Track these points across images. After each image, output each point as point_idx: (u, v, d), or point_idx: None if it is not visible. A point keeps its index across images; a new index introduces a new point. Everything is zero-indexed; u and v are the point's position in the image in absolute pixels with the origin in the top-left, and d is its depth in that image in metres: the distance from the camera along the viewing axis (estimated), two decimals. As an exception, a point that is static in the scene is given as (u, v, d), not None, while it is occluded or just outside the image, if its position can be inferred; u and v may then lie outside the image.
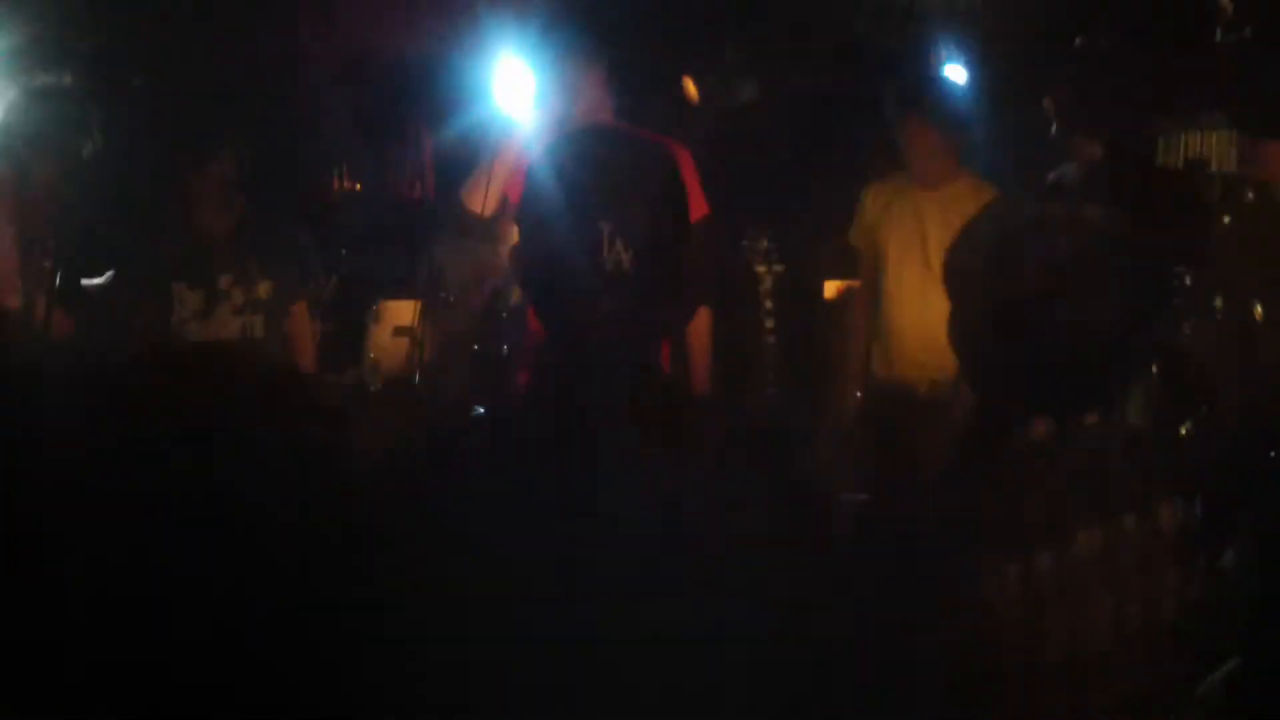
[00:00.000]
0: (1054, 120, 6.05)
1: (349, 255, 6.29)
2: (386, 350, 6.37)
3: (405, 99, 7.84)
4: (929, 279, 4.79)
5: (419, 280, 6.63)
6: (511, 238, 4.49)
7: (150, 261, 4.58)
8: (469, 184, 4.43)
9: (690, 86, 7.00)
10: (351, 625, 1.95)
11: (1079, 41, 6.18)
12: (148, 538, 1.73)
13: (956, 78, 5.44)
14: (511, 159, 4.35)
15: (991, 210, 2.14)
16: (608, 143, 4.25)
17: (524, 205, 4.22)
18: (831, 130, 6.26)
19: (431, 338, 6.26)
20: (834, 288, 5.61)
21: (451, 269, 6.55)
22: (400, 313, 6.42)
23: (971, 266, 2.06)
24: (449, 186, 6.08)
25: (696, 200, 4.60)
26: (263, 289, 4.63)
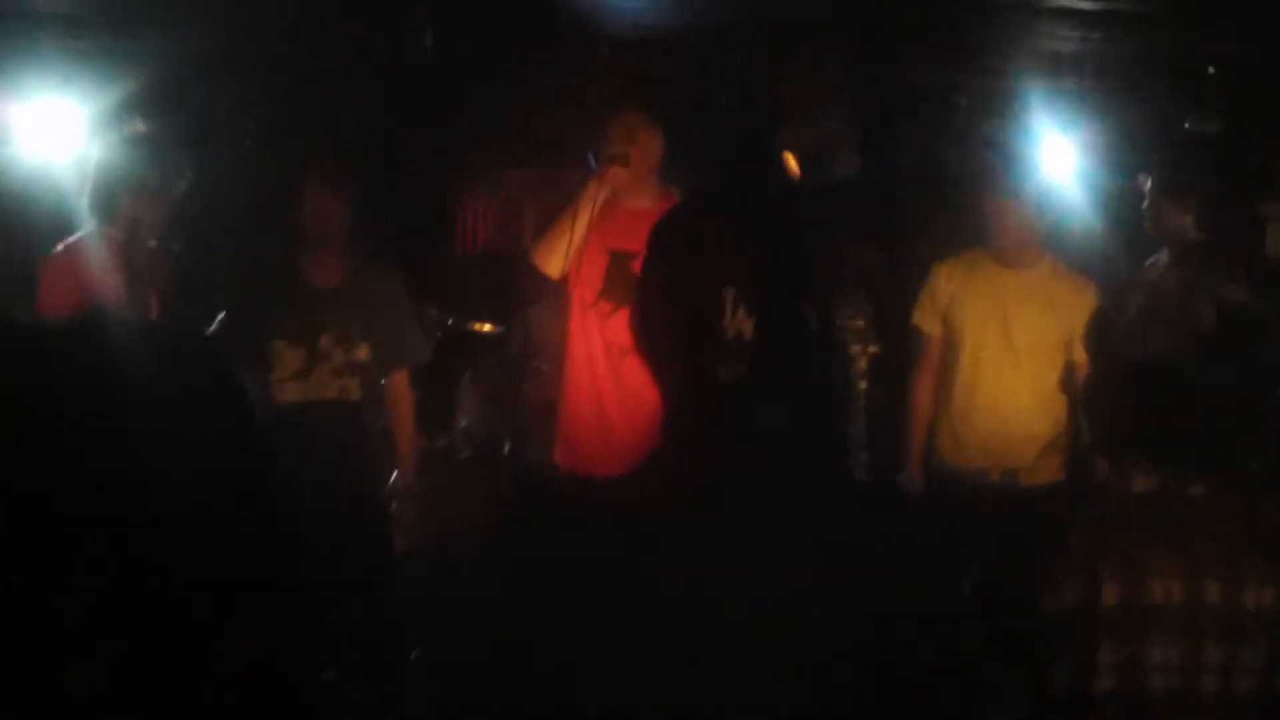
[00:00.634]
0: (1151, 203, 5.97)
1: (445, 319, 6.27)
2: (476, 416, 6.35)
3: (504, 164, 7.89)
4: (1009, 360, 4.68)
5: (512, 346, 6.62)
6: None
7: (254, 316, 4.56)
8: (539, 244, 4.36)
9: (792, 162, 6.98)
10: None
11: (1187, 125, 6.11)
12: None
13: (1054, 158, 5.29)
14: (577, 221, 4.29)
15: (1140, 281, 2.26)
16: (726, 211, 4.23)
17: (645, 273, 4.20)
18: (926, 208, 6.19)
19: (522, 404, 6.24)
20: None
21: (545, 337, 6.53)
22: (493, 379, 6.41)
23: (1118, 335, 2.19)
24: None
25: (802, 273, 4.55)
26: (363, 351, 4.59)
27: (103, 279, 4.78)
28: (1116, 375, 2.16)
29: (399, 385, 4.80)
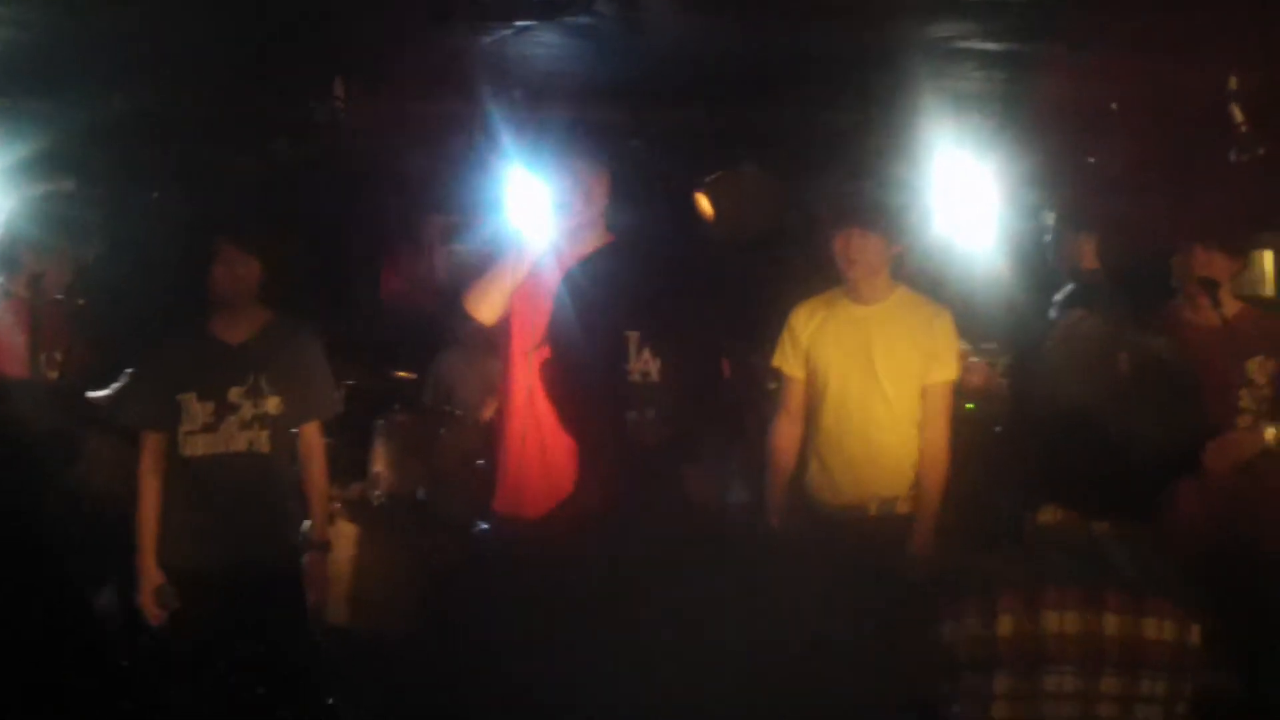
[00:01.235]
0: (1055, 237, 6.09)
1: (356, 367, 6.23)
2: (391, 464, 6.31)
3: (416, 211, 7.89)
4: (875, 393, 4.71)
5: (425, 394, 6.59)
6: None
7: (162, 370, 4.50)
8: (474, 290, 4.36)
9: (704, 202, 7.04)
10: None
11: (1089, 160, 6.24)
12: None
13: (902, 190, 5.33)
14: (514, 268, 4.30)
15: (1063, 326, 2.30)
16: (633, 255, 4.25)
17: (553, 318, 4.19)
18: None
19: (437, 452, 6.21)
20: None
21: (458, 383, 6.51)
22: (407, 426, 6.38)
23: (1039, 379, 2.24)
24: (455, 300, 6.08)
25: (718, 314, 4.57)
26: (272, 404, 4.55)
27: (6, 334, 4.71)
28: (1031, 419, 2.21)
29: (311, 436, 4.76)
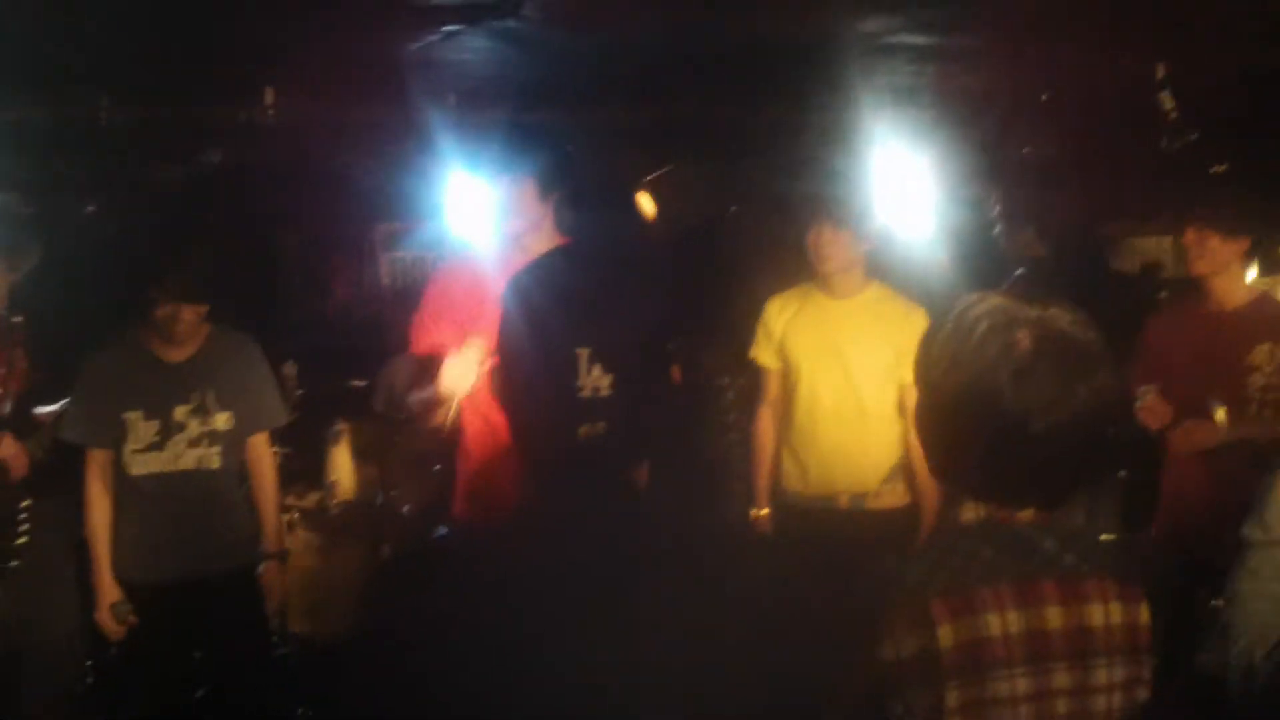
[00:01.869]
0: (1001, 225, 6.15)
1: (306, 376, 6.22)
2: (346, 471, 6.32)
3: (360, 218, 7.89)
4: (846, 387, 4.76)
5: (378, 401, 6.59)
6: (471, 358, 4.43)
7: (103, 389, 4.49)
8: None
9: (646, 201, 7.07)
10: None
11: (1026, 150, 6.30)
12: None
13: (872, 183, 5.35)
14: (465, 277, 4.30)
15: (960, 308, 2.13)
16: (580, 263, 4.25)
17: (500, 330, 4.20)
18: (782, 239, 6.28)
19: (392, 458, 6.23)
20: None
21: (410, 388, 6.51)
22: (359, 434, 6.39)
23: (937, 363, 2.07)
24: (405, 304, 6.09)
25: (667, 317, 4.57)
26: (221, 420, 4.55)
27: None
28: (937, 403, 2.11)
29: (259, 447, 4.77)
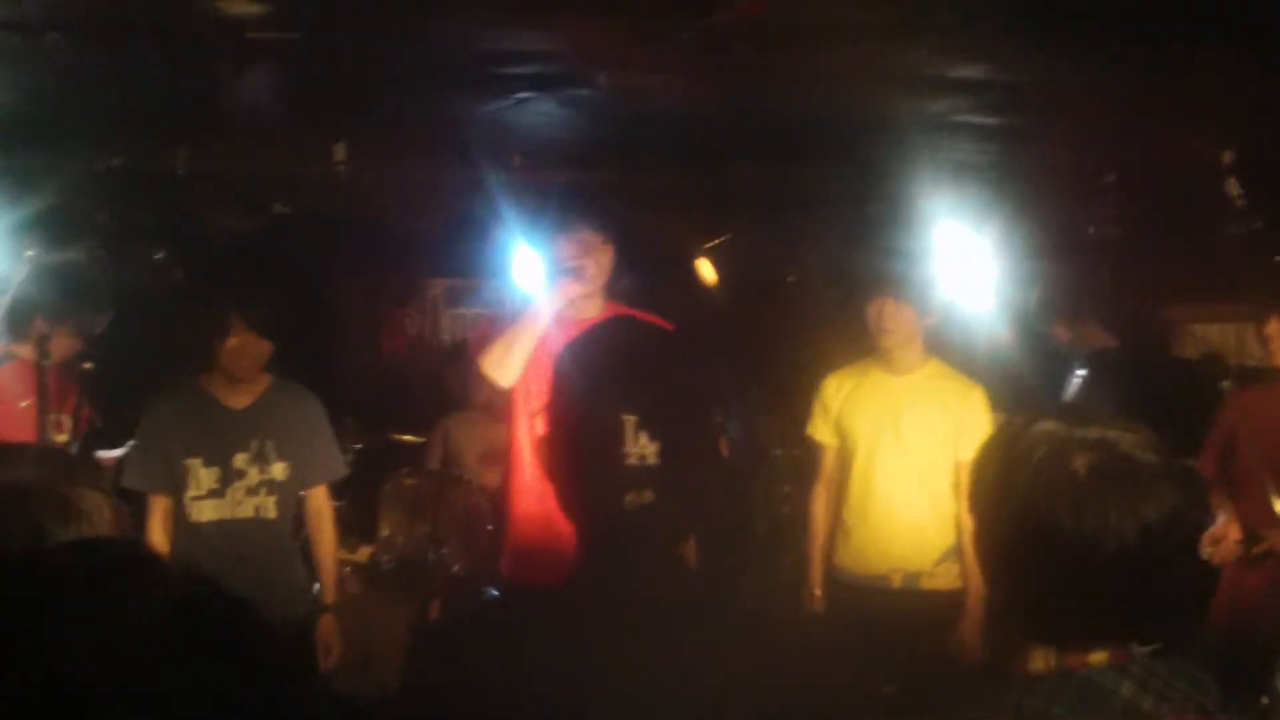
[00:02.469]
0: (1055, 311, 6.07)
1: (364, 430, 6.28)
2: (400, 527, 6.35)
3: (422, 274, 7.97)
4: (902, 464, 4.73)
5: (432, 458, 6.64)
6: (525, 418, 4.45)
7: (165, 435, 4.55)
8: (491, 353, 4.34)
9: (705, 268, 7.11)
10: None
11: (1090, 231, 6.27)
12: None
13: (934, 260, 5.33)
14: (533, 331, 4.30)
15: (1010, 426, 2.00)
16: (628, 334, 4.27)
17: (551, 395, 4.22)
18: (840, 311, 6.27)
19: (445, 515, 6.24)
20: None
21: (464, 446, 6.56)
22: (414, 489, 6.42)
23: (989, 487, 1.96)
24: (462, 364, 6.13)
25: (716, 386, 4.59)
26: (278, 470, 4.59)
27: (13, 398, 4.76)
28: (995, 535, 1.99)
29: (319, 499, 4.80)
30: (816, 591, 4.90)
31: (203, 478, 4.51)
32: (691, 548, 4.31)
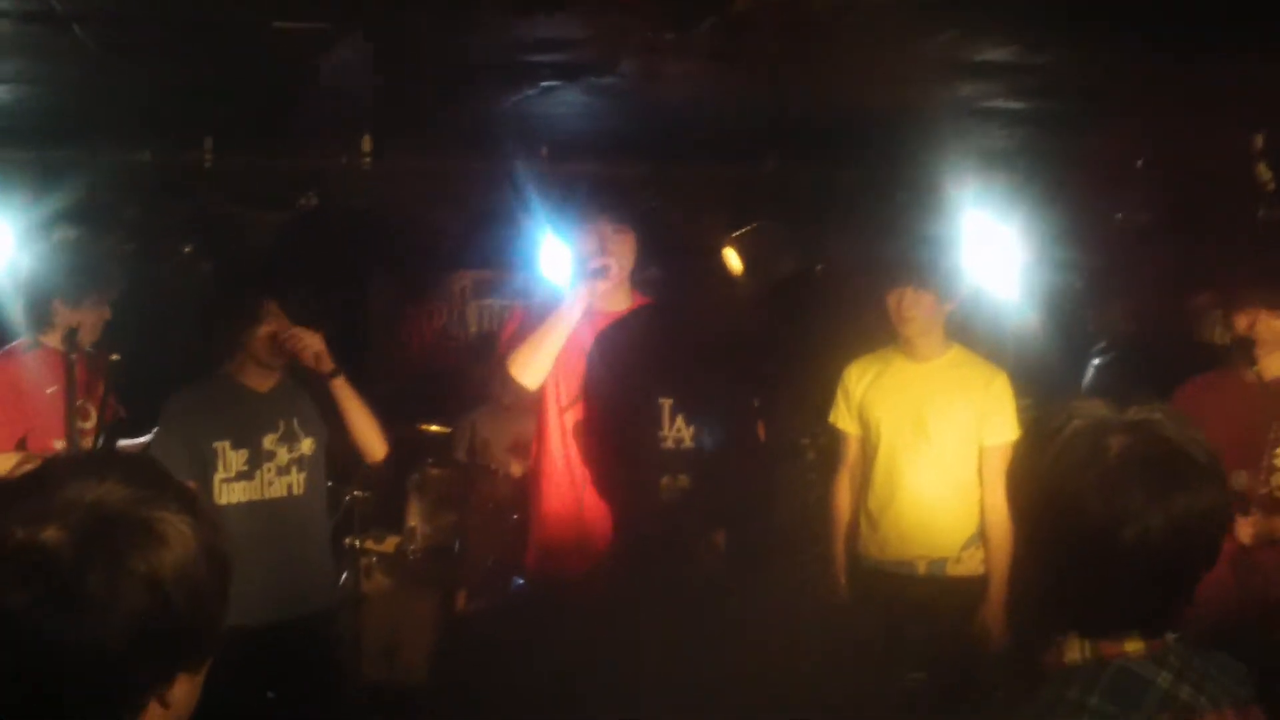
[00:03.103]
0: (1089, 295, 6.06)
1: (390, 421, 6.27)
2: (426, 517, 6.36)
3: (450, 265, 7.98)
4: (925, 451, 4.71)
5: (459, 449, 6.64)
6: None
7: (192, 420, 4.57)
8: (519, 355, 4.33)
9: (732, 257, 7.08)
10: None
11: (1118, 217, 6.24)
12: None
13: (957, 246, 5.27)
14: (560, 332, 4.29)
15: (1052, 417, 1.95)
16: (660, 321, 4.27)
17: (586, 380, 4.21)
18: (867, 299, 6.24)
19: (472, 506, 6.25)
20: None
21: (491, 438, 6.56)
22: (441, 480, 6.43)
23: (1026, 475, 1.92)
24: (489, 361, 6.13)
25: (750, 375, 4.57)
26: (306, 445, 4.62)
27: (39, 387, 4.79)
28: (1028, 519, 1.95)
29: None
30: (841, 579, 4.89)
31: (232, 460, 4.52)
32: (720, 535, 4.29)
